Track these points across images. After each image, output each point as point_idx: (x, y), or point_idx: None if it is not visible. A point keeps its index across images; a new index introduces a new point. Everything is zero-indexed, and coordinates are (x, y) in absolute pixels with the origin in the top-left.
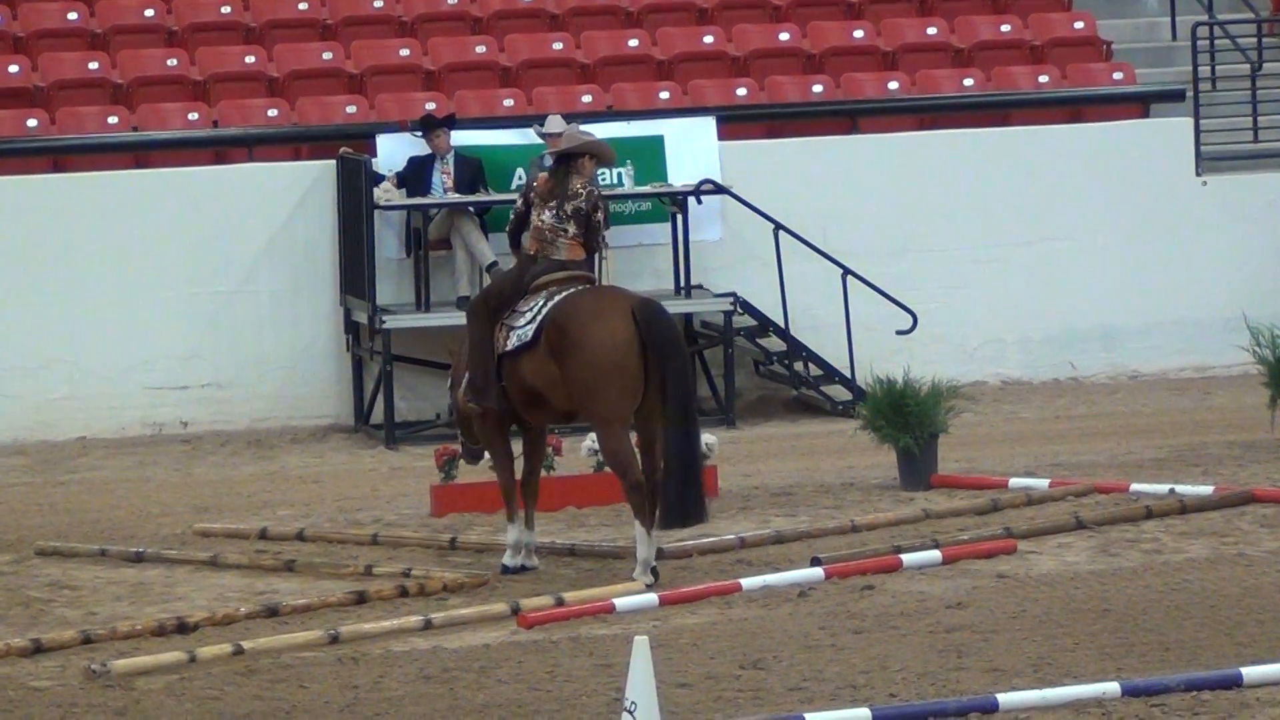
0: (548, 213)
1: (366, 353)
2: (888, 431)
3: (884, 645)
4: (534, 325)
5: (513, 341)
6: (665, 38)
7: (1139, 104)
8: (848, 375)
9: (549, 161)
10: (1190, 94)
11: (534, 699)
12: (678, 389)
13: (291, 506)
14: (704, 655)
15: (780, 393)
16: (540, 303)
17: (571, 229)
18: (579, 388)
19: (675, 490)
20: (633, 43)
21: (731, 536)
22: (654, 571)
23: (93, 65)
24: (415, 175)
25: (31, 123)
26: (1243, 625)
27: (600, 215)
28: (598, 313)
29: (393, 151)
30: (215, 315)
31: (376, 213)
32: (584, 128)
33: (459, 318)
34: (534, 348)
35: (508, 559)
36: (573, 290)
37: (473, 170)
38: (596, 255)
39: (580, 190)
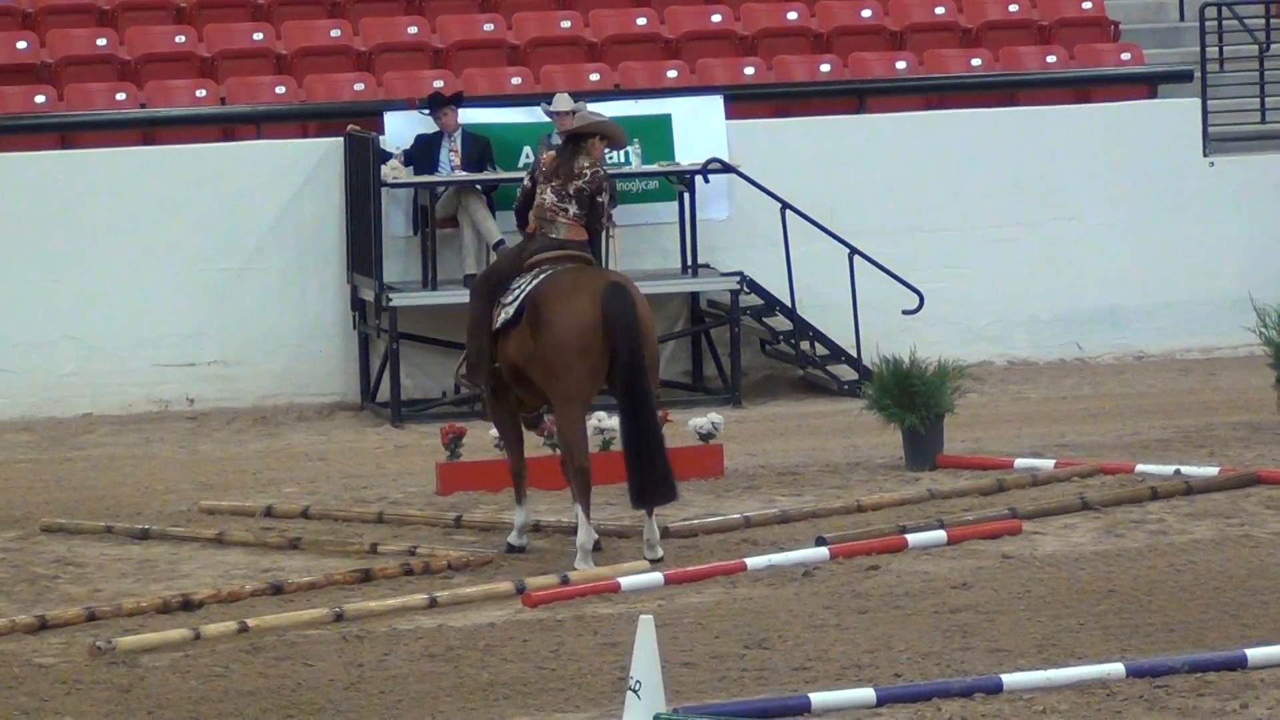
0: (550, 192)
1: (373, 330)
2: (894, 411)
3: (889, 625)
4: (516, 304)
5: (500, 320)
6: (673, 16)
7: (1146, 84)
8: (854, 355)
9: (557, 140)
10: (1198, 74)
11: (539, 677)
12: (625, 372)
13: (297, 484)
14: (709, 634)
15: (786, 372)
16: (528, 281)
17: (572, 209)
18: (545, 366)
19: (632, 473)
20: (641, 21)
21: (737, 516)
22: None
23: (101, 41)
24: (423, 153)
25: (40, 99)
26: (1248, 606)
27: (604, 197)
28: (569, 294)
29: (400, 129)
30: (222, 292)
31: (384, 190)
32: (592, 106)
33: (466, 296)
34: (516, 326)
35: (513, 538)
36: (556, 269)
37: (480, 148)
38: (604, 235)
39: (584, 171)
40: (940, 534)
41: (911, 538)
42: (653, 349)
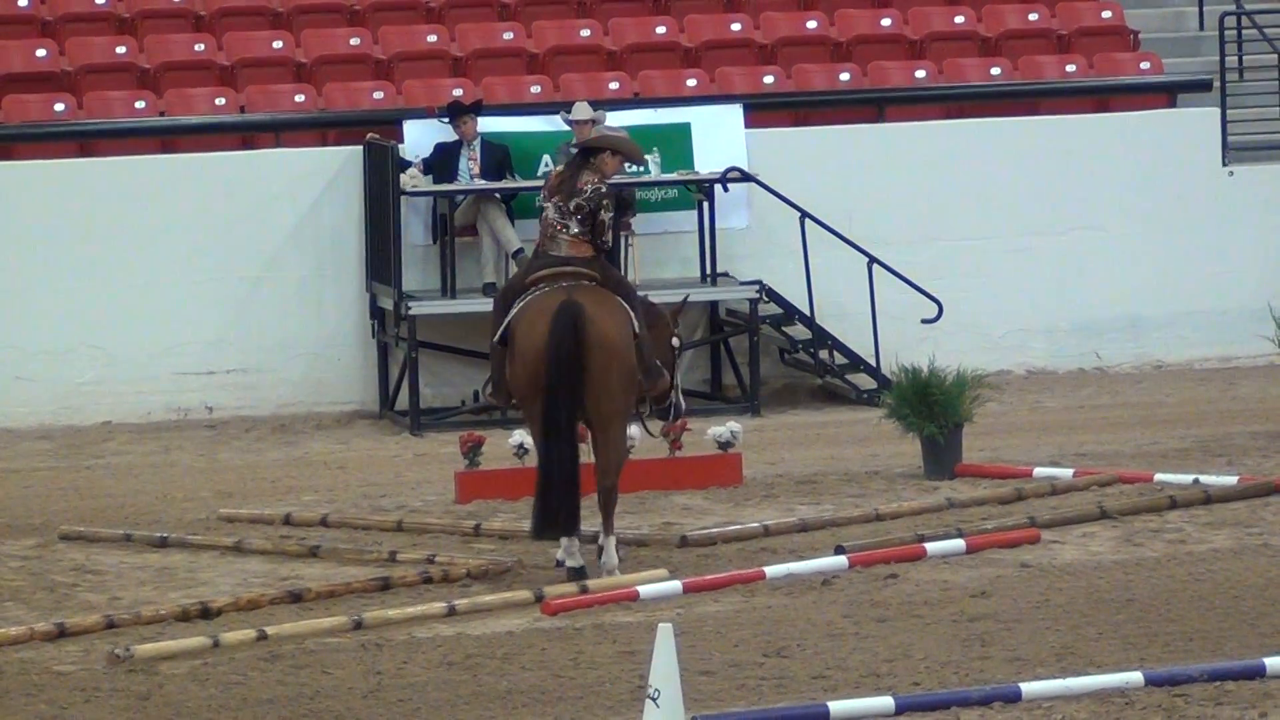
0: (552, 207)
1: (392, 339)
2: (912, 420)
3: (907, 634)
4: (502, 328)
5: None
6: (693, 25)
7: (1166, 94)
8: (873, 364)
9: (575, 150)
10: (1217, 84)
11: (557, 686)
12: (545, 396)
13: (316, 492)
14: (727, 643)
15: (805, 381)
16: (519, 303)
17: (573, 225)
18: (515, 394)
19: (534, 500)
20: (660, 30)
21: (755, 524)
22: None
23: (120, 50)
24: (442, 161)
25: (59, 107)
26: (1266, 615)
27: (606, 215)
28: (530, 319)
29: (420, 137)
30: (241, 301)
31: (403, 199)
32: (611, 115)
33: (485, 304)
34: (505, 348)
35: (561, 554)
36: (541, 290)
37: (499, 157)
38: (624, 244)
39: (586, 187)
40: (959, 543)
41: (930, 546)
42: (615, 370)
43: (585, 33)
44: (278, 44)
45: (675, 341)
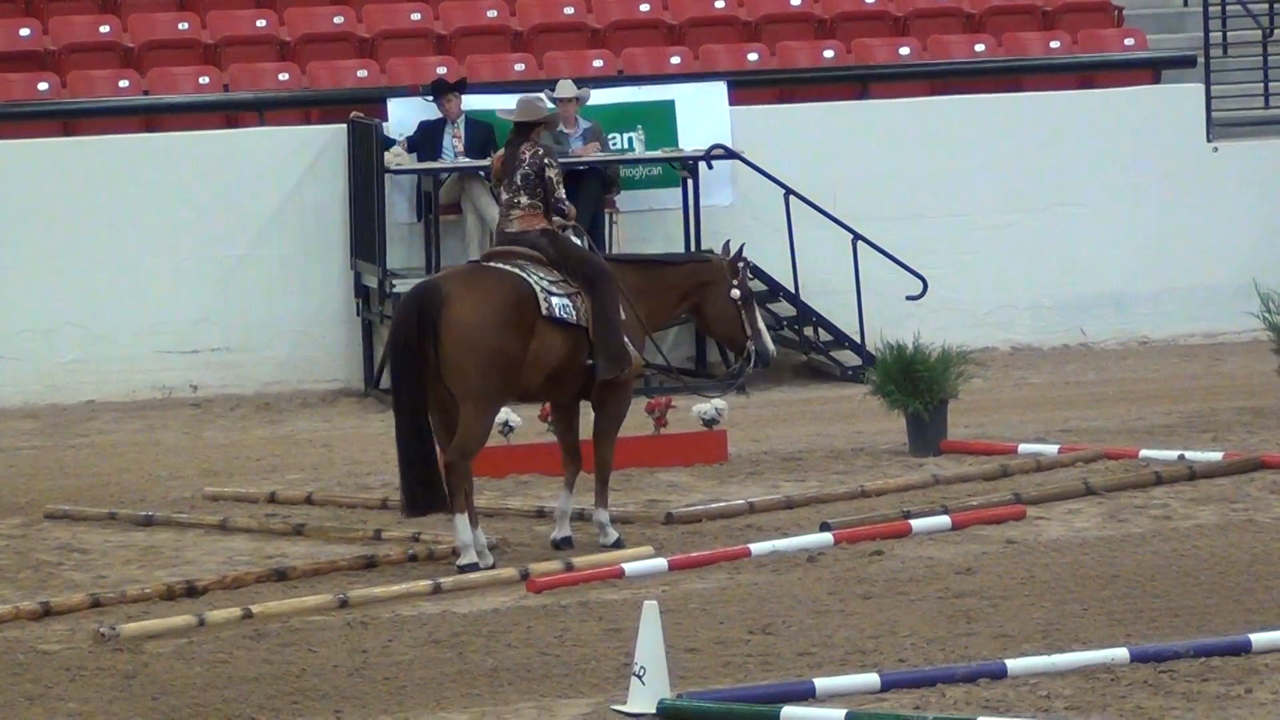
0: (503, 189)
1: (377, 317)
2: (897, 397)
3: (893, 611)
4: None
5: None
6: (677, 2)
7: (1150, 70)
8: (858, 341)
9: (561, 128)
10: (1202, 60)
11: (543, 663)
12: (393, 378)
13: (301, 471)
14: (713, 620)
15: (790, 358)
16: None
17: (523, 199)
18: None
19: (401, 479)
20: (644, 7)
21: (741, 501)
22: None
23: (104, 29)
24: (426, 139)
25: (42, 86)
26: (1252, 591)
27: (552, 171)
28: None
29: (404, 116)
30: (225, 279)
31: (387, 177)
32: (595, 92)
33: None
34: None
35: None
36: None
37: (483, 134)
38: (606, 223)
39: (525, 154)
40: (944, 519)
41: (916, 523)
42: (468, 356)
43: (569, 10)
44: (261, 23)
45: (735, 294)
